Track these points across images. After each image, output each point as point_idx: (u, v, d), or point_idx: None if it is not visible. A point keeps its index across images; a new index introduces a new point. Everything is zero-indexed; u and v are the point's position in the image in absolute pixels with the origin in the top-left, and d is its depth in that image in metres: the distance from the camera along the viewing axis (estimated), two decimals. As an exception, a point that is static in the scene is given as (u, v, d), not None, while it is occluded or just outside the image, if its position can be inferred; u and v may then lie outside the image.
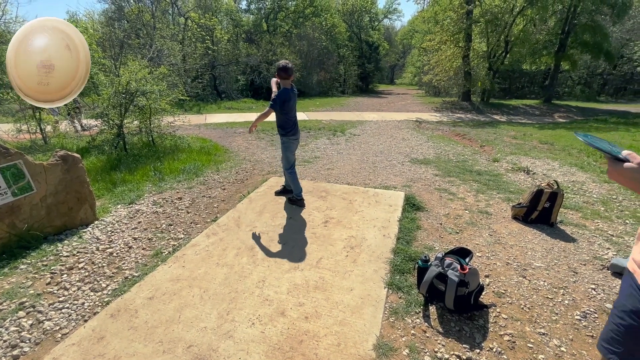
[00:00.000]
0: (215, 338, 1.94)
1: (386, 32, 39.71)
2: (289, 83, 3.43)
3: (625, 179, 0.94)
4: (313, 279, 2.49)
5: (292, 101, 3.48)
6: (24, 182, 2.91)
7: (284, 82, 3.40)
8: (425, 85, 23.95)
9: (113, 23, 17.75)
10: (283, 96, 3.38)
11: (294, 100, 3.51)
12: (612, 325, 1.05)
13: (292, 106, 3.52)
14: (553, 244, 3.06)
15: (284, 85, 3.41)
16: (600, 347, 1.09)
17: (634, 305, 0.99)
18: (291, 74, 3.38)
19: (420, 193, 4.27)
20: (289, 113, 3.51)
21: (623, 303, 1.03)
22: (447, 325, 2.08)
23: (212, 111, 13.85)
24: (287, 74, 3.35)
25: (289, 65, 3.35)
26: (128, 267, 2.72)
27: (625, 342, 1.00)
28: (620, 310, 1.03)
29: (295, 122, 3.60)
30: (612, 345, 1.04)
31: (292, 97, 3.48)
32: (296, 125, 3.62)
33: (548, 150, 6.86)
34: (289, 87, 3.42)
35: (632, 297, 1.00)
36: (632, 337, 0.99)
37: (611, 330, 1.05)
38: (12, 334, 1.99)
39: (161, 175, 4.96)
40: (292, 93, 3.48)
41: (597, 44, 15.63)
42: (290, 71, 3.35)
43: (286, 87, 3.41)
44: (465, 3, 15.56)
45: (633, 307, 0.99)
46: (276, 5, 24.65)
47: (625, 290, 1.04)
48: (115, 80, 6.19)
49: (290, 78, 3.40)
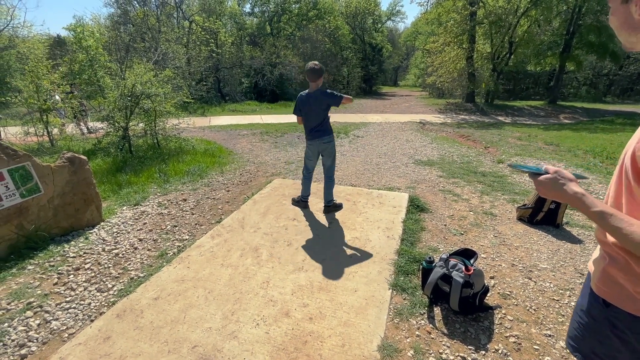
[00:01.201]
0: (220, 338, 1.94)
1: (389, 34, 39.70)
2: (314, 86, 3.28)
3: (546, 190, 0.94)
4: (317, 279, 2.49)
5: (307, 106, 3.35)
6: (32, 183, 2.95)
7: (309, 85, 3.32)
8: (428, 86, 23.90)
9: (119, 27, 17.99)
10: (297, 100, 3.39)
11: (310, 106, 3.34)
12: (575, 324, 1.08)
13: (308, 111, 3.37)
14: (559, 246, 3.03)
15: (309, 88, 3.34)
16: (568, 345, 1.12)
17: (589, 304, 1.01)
18: (313, 76, 3.21)
19: (425, 194, 4.26)
20: (306, 117, 3.42)
21: (582, 302, 1.06)
22: (452, 327, 2.07)
23: (216, 113, 13.93)
24: (309, 77, 3.24)
25: (310, 67, 3.21)
26: (133, 268, 2.74)
27: (587, 340, 1.03)
28: (580, 309, 1.06)
29: (312, 127, 3.44)
30: (577, 343, 1.05)
31: (308, 102, 3.34)
32: (313, 130, 3.44)
33: (554, 152, 6.81)
34: (311, 91, 3.32)
35: (589, 297, 1.02)
36: (592, 335, 1.01)
37: (575, 329, 1.07)
38: (20, 334, 2.02)
39: (166, 177, 4.99)
40: (310, 97, 3.32)
41: (602, 44, 15.52)
42: (311, 73, 3.20)
43: (309, 90, 3.33)
44: (469, 4, 15.53)
45: (590, 306, 1.01)
46: (280, 8, 24.80)
47: (585, 290, 1.07)
48: (121, 83, 6.26)
49: (315, 81, 3.23)
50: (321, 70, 3.21)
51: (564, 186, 0.90)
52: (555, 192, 0.92)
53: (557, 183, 0.92)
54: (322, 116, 3.37)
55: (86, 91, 9.67)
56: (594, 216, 0.83)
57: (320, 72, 3.21)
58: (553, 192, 0.93)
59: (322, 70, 3.22)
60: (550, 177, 0.93)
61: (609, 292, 0.93)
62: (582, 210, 0.87)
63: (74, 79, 9.65)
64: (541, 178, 0.95)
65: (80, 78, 9.68)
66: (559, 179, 0.92)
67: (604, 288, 0.95)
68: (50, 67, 7.24)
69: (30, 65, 6.82)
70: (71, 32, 9.49)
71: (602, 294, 0.95)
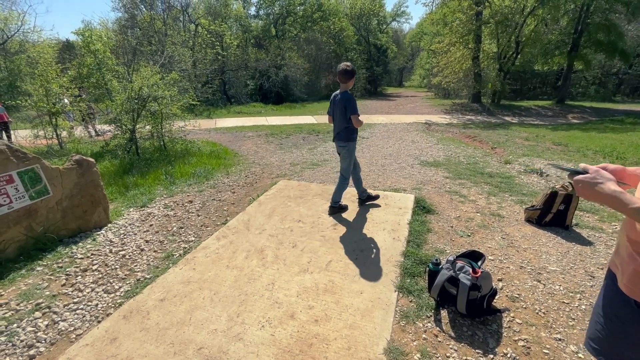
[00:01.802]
0: (226, 340, 1.94)
1: (394, 35, 39.60)
2: (343, 87, 3.26)
3: (584, 189, 0.93)
4: (323, 281, 2.48)
5: (333, 106, 3.39)
6: (40, 185, 2.99)
7: (340, 86, 3.30)
8: (434, 87, 23.77)
9: (126, 31, 18.23)
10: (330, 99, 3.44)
11: (335, 106, 3.35)
12: (597, 325, 1.04)
13: (334, 112, 3.39)
14: (569, 248, 2.98)
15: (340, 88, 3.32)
16: (587, 346, 1.08)
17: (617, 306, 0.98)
18: (341, 77, 3.19)
19: (431, 196, 4.22)
20: (333, 118, 3.46)
21: (604, 303, 1.03)
22: (460, 330, 2.04)
23: (222, 115, 14.02)
24: (338, 78, 3.22)
25: (340, 68, 3.19)
26: (140, 269, 2.76)
27: (613, 343, 0.99)
28: (602, 311, 1.04)
29: (334, 128, 3.47)
30: (599, 345, 1.03)
31: (334, 102, 3.36)
32: (334, 132, 3.48)
33: (562, 152, 6.71)
34: (339, 92, 3.31)
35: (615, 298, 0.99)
36: (620, 338, 0.97)
37: (597, 330, 1.03)
38: (28, 334, 2.04)
39: (172, 178, 5.03)
40: (336, 98, 3.33)
41: (611, 43, 15.29)
42: (339, 74, 3.18)
43: (339, 90, 3.32)
44: (474, 4, 15.43)
45: (617, 308, 0.98)
46: (284, 11, 24.89)
47: (607, 291, 1.04)
48: (128, 86, 6.33)
49: (343, 82, 3.22)
50: (348, 72, 3.16)
51: (602, 185, 0.89)
52: (592, 191, 0.91)
53: (595, 182, 0.90)
54: (343, 119, 3.31)
55: (94, 94, 9.82)
56: (634, 213, 0.82)
57: (347, 73, 3.16)
58: (590, 191, 0.91)
59: (349, 71, 3.16)
60: (589, 176, 0.92)
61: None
62: (620, 209, 0.85)
63: (82, 82, 9.79)
64: (579, 177, 0.94)
65: (88, 81, 9.83)
66: (597, 178, 0.90)
67: (636, 289, 0.92)
68: (59, 71, 7.36)
69: (40, 69, 6.94)
70: (80, 36, 9.65)
71: (635, 295, 0.92)
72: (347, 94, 3.25)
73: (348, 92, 3.27)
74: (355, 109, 3.22)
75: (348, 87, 3.26)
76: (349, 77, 3.18)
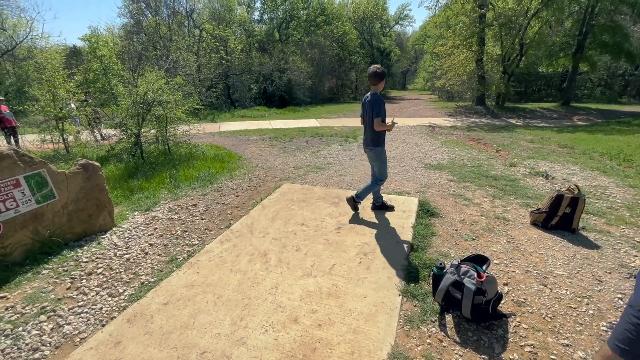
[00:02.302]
0: (229, 344, 1.94)
1: (398, 38, 39.69)
2: (373, 89, 3.24)
3: None
4: (326, 285, 2.47)
5: (363, 108, 3.38)
6: (47, 189, 3.02)
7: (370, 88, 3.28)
8: (438, 90, 23.71)
9: (132, 36, 18.47)
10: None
11: (364, 109, 3.34)
12: (628, 325, 1.01)
13: (363, 114, 3.38)
14: (575, 251, 2.94)
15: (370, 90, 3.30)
16: (614, 347, 1.04)
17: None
18: (370, 79, 3.17)
19: (435, 199, 4.20)
20: (363, 120, 3.43)
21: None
22: (465, 335, 2.02)
23: (226, 119, 14.10)
24: (370, 80, 3.20)
25: (370, 71, 3.16)
26: (144, 273, 2.77)
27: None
28: (637, 310, 0.99)
29: (365, 134, 3.45)
30: (628, 346, 0.99)
31: (364, 105, 3.33)
32: (364, 137, 3.46)
33: (568, 154, 6.65)
34: (368, 94, 3.29)
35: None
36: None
37: (627, 330, 1.00)
38: (33, 338, 2.05)
39: (176, 182, 5.06)
40: (365, 100, 3.31)
41: (617, 44, 15.16)
42: (369, 76, 3.16)
43: (369, 92, 3.29)
44: (477, 7, 15.41)
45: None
46: (288, 15, 25.08)
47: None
48: (133, 91, 6.40)
49: (373, 84, 3.19)
50: (378, 74, 3.14)
51: None
52: None
53: None
54: (369, 122, 3.28)
55: (100, 99, 9.94)
56: None
57: (377, 75, 3.14)
58: None
59: (379, 74, 3.14)
60: None
61: None
62: None
63: (89, 87, 9.92)
64: None
65: (94, 86, 9.95)
66: None
67: None
68: (66, 76, 7.46)
69: (47, 75, 7.04)
70: (86, 42, 9.79)
71: None
72: (376, 95, 3.20)
73: (377, 94, 3.22)
74: (380, 112, 3.16)
75: (378, 90, 3.22)
76: (379, 79, 3.16)
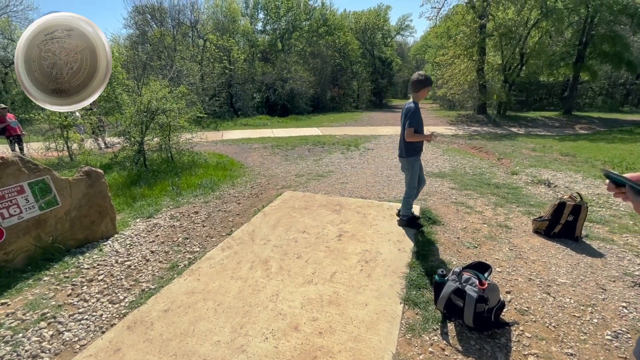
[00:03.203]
0: (229, 352, 1.92)
1: (399, 48, 40.17)
2: (412, 97, 3.16)
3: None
4: (327, 293, 2.45)
5: (402, 116, 3.25)
6: (50, 196, 3.04)
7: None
8: (439, 99, 23.90)
9: (137, 46, 18.77)
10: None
11: (403, 117, 3.20)
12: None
13: (401, 123, 3.26)
14: (579, 259, 2.92)
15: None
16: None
17: None
18: (410, 86, 3.09)
19: (436, 206, 4.19)
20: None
21: None
22: (467, 344, 1.99)
23: (229, 128, 14.22)
24: (411, 87, 3.11)
25: (412, 78, 3.08)
26: (145, 280, 2.76)
27: None
28: None
29: (400, 141, 3.35)
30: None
31: (403, 113, 3.20)
32: (399, 146, 3.38)
33: (570, 162, 6.64)
34: (408, 102, 3.20)
35: None
36: None
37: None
38: (33, 344, 2.04)
39: (179, 190, 5.08)
40: (404, 109, 3.20)
41: (617, 54, 15.28)
42: (412, 84, 3.07)
43: (410, 100, 3.21)
44: (477, 18, 15.62)
45: None
46: (291, 26, 25.48)
47: None
48: (137, 99, 6.48)
49: (416, 92, 3.09)
50: (419, 82, 3.03)
51: None
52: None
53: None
54: (402, 131, 3.20)
55: (104, 108, 10.04)
56: None
57: (417, 82, 3.04)
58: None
59: (420, 81, 3.02)
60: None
61: None
62: None
63: (94, 96, 10.02)
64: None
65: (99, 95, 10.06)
66: None
67: None
68: (71, 85, 7.55)
69: (53, 84, 7.14)
70: (92, 52, 9.93)
71: None
72: (412, 104, 3.11)
73: (415, 102, 3.11)
74: (413, 121, 3.04)
75: (419, 98, 3.11)
76: (420, 86, 3.04)
